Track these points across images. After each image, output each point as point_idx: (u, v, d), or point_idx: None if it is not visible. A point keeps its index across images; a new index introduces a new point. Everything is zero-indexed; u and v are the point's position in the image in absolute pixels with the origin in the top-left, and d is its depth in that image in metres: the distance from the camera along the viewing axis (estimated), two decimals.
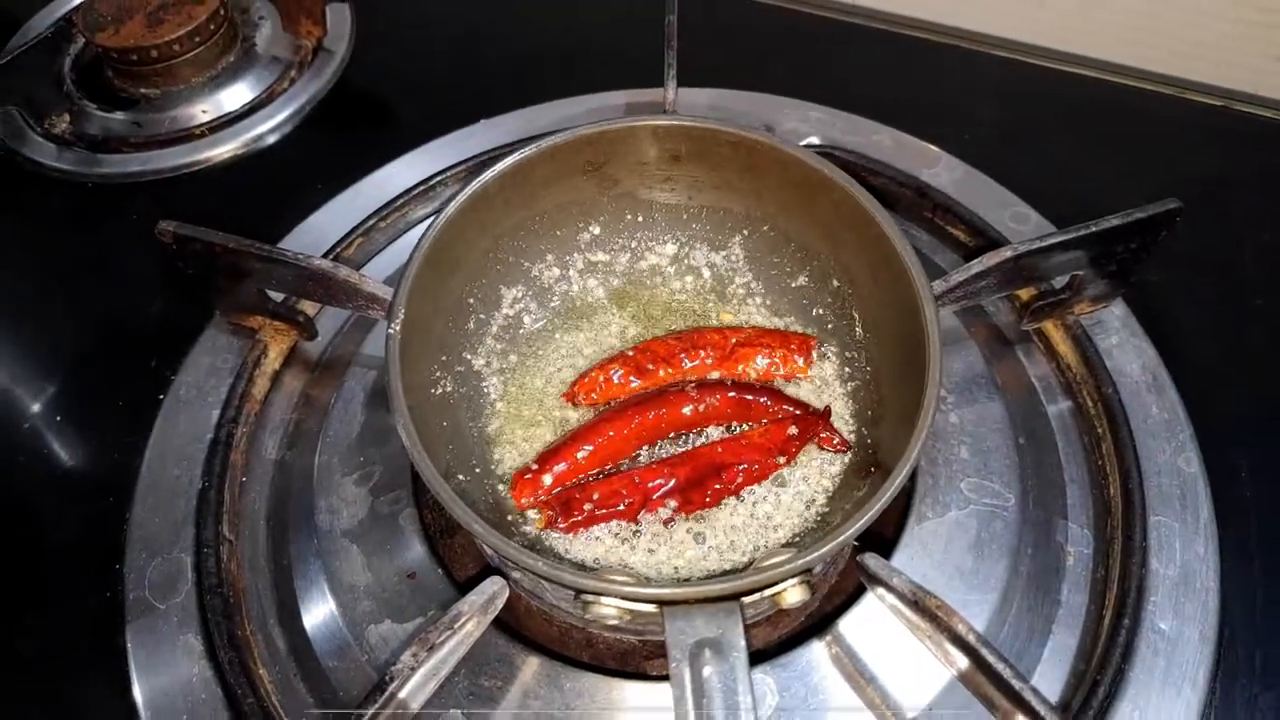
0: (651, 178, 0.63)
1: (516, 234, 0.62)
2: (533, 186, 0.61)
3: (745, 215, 0.64)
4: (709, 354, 0.60)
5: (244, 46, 0.88)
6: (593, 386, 0.59)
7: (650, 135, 0.60)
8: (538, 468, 0.54)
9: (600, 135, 0.60)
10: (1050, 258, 0.57)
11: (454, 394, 0.57)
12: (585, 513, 0.52)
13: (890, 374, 0.55)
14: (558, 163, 0.60)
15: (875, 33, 0.89)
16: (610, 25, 0.91)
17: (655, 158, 0.62)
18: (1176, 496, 0.56)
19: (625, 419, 0.56)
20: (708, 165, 0.62)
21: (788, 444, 0.55)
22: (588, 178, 0.62)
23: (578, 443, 0.55)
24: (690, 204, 0.65)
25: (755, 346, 0.59)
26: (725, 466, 0.54)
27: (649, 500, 0.52)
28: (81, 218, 0.79)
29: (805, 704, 0.49)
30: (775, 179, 0.60)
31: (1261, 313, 0.66)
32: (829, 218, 0.58)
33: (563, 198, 0.63)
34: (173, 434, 0.62)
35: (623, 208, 0.65)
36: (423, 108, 0.83)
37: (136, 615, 0.54)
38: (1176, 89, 0.82)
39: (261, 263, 0.58)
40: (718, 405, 0.57)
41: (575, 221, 0.64)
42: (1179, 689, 0.49)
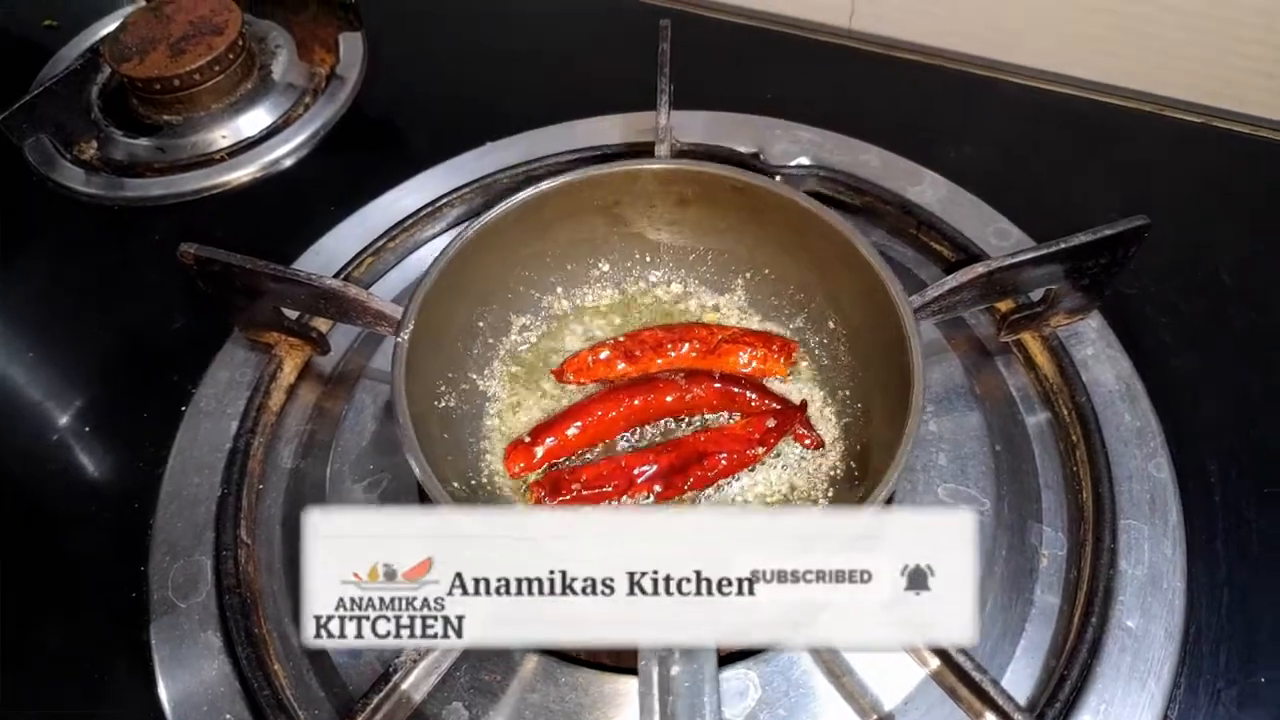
0: (660, 219, 0.68)
1: (529, 264, 0.66)
2: (546, 220, 0.65)
3: (748, 258, 0.68)
4: (694, 347, 0.64)
5: (261, 74, 0.92)
6: (581, 365, 0.63)
7: (658, 178, 0.65)
8: (530, 439, 0.59)
9: (611, 176, 0.64)
10: (1024, 273, 0.60)
11: (457, 409, 0.61)
12: (573, 493, 0.56)
13: (880, 401, 0.58)
14: (571, 199, 0.64)
15: (865, 55, 0.92)
16: (609, 52, 0.94)
17: (663, 200, 0.66)
18: (1146, 501, 0.58)
19: (615, 401, 0.60)
20: (714, 209, 0.66)
21: (766, 435, 0.58)
22: (599, 216, 0.66)
23: (568, 419, 0.59)
24: (696, 246, 0.69)
25: (739, 344, 0.64)
26: (706, 454, 0.58)
27: (633, 484, 0.57)
28: (108, 239, 0.83)
29: (786, 697, 0.52)
30: (775, 221, 0.64)
31: (1234, 324, 0.68)
32: (823, 256, 0.62)
33: (575, 234, 0.67)
34: (194, 444, 0.65)
35: (631, 247, 0.69)
36: (431, 132, 0.87)
37: (160, 614, 0.58)
38: (1156, 106, 0.84)
39: (276, 282, 0.62)
40: (704, 394, 0.61)
41: (586, 257, 0.69)
42: (1144, 684, 0.52)
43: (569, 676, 0.53)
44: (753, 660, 0.52)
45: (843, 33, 0.95)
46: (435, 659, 0.48)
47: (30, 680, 0.58)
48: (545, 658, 0.53)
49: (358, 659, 0.55)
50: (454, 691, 0.53)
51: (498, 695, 0.53)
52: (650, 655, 0.42)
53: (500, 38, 0.98)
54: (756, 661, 0.52)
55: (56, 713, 0.57)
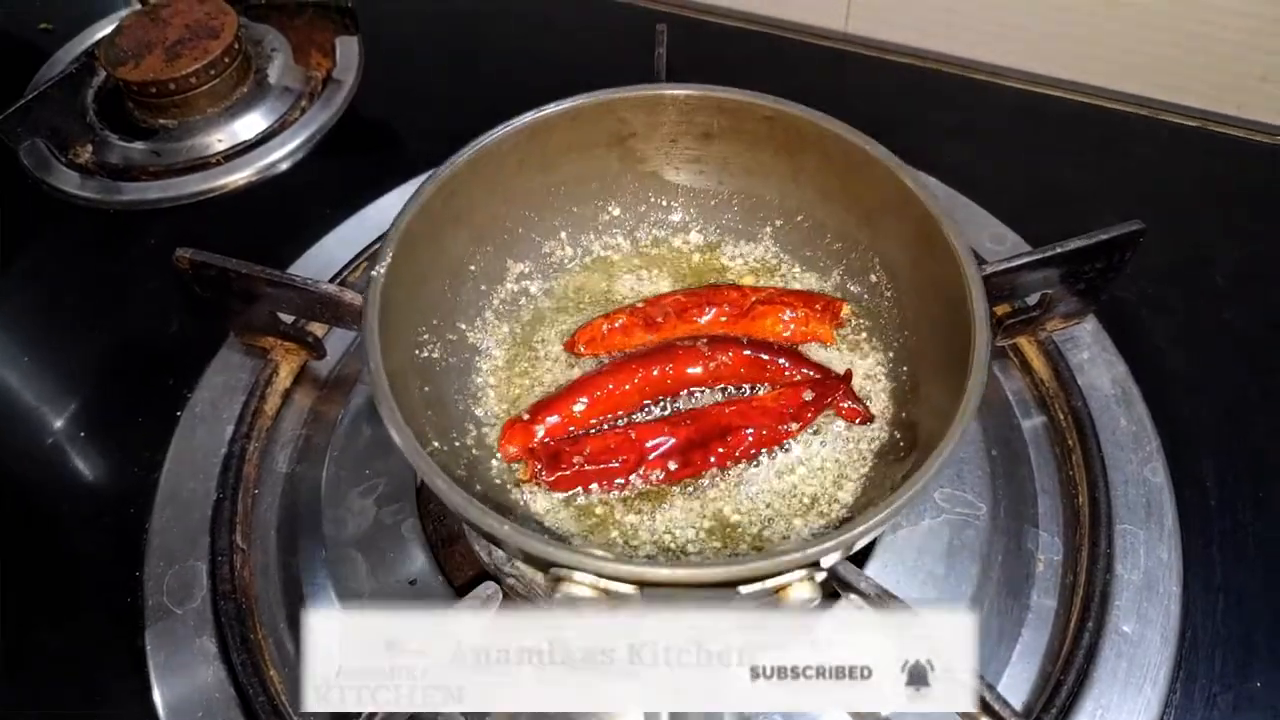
0: (680, 157, 0.61)
1: (529, 202, 0.59)
2: (551, 151, 0.58)
3: (779, 203, 0.61)
4: (725, 311, 0.56)
5: (257, 78, 0.92)
6: (595, 334, 0.56)
7: (681, 106, 0.58)
8: (530, 417, 0.52)
9: (626, 100, 0.57)
10: (1020, 277, 0.60)
11: (441, 361, 0.55)
12: (574, 466, 0.49)
13: (930, 362, 0.53)
14: (579, 128, 0.57)
15: (860, 58, 0.92)
16: (605, 56, 0.95)
17: (685, 133, 0.59)
18: (1142, 505, 0.58)
19: (628, 372, 0.53)
20: (741, 144, 0.59)
21: (802, 410, 0.51)
22: (611, 150, 0.59)
23: (574, 394, 0.52)
24: (720, 188, 0.62)
25: (776, 305, 0.56)
26: (732, 429, 0.51)
27: (645, 459, 0.50)
28: (104, 243, 0.83)
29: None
30: (813, 161, 0.57)
31: (1230, 328, 0.69)
32: (871, 203, 0.55)
33: (582, 169, 0.60)
34: (190, 448, 0.65)
35: (647, 189, 0.62)
36: (427, 135, 0.87)
37: (155, 619, 0.57)
38: (1152, 110, 0.85)
39: (272, 287, 0.62)
40: (730, 363, 0.54)
41: (594, 199, 0.62)
42: (1140, 688, 0.52)
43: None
44: None
45: (838, 36, 0.96)
46: None
47: (27, 685, 0.58)
48: None
49: None
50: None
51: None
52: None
53: (496, 42, 0.98)
54: None
55: (53, 716, 0.57)
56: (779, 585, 0.41)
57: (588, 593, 0.40)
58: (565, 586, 0.40)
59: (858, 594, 0.48)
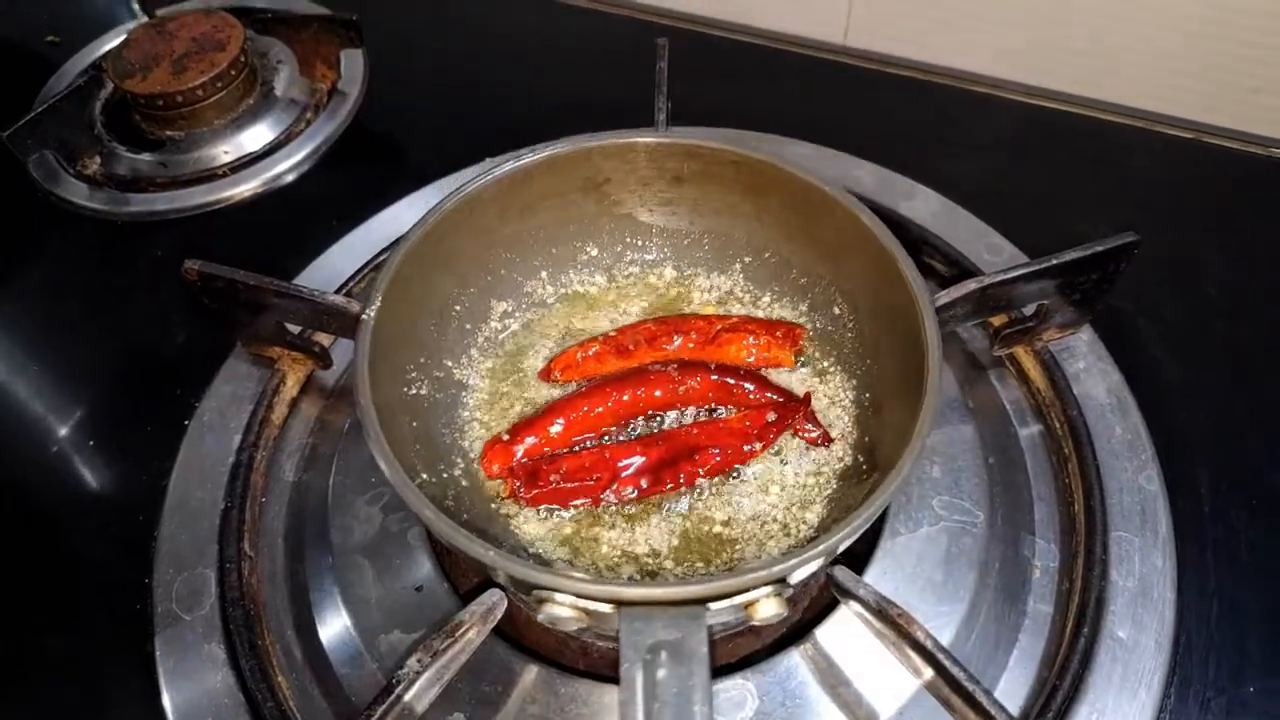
0: (653, 199, 0.64)
1: (511, 245, 0.62)
2: (530, 198, 0.61)
3: (747, 241, 0.64)
4: (691, 338, 0.60)
5: (263, 90, 0.93)
6: (570, 362, 0.59)
7: (652, 153, 0.61)
8: (509, 437, 0.55)
9: (601, 149, 0.60)
10: (1016, 288, 0.61)
11: (429, 398, 0.57)
12: (551, 484, 0.52)
13: (890, 387, 0.56)
14: (557, 175, 0.60)
15: (859, 71, 0.94)
16: (606, 69, 0.96)
17: (657, 177, 0.62)
18: (1137, 513, 0.59)
19: (602, 395, 0.56)
20: (711, 187, 0.62)
21: (765, 430, 0.55)
22: (587, 195, 0.62)
23: (551, 416, 0.56)
24: (691, 229, 0.65)
25: (740, 332, 0.60)
26: (699, 448, 0.54)
27: (618, 477, 0.53)
28: (111, 254, 0.83)
29: (783, 707, 0.52)
30: (777, 201, 0.60)
31: (1223, 337, 0.70)
32: (831, 239, 0.59)
33: (561, 213, 0.63)
34: (197, 457, 0.66)
35: (622, 229, 0.65)
36: (430, 148, 0.88)
37: (164, 626, 0.58)
38: (1147, 122, 0.86)
39: (280, 298, 0.63)
40: (698, 387, 0.57)
41: (572, 240, 0.65)
42: (1135, 693, 0.52)
43: (569, 688, 0.53)
44: (750, 670, 0.53)
45: (837, 49, 0.97)
46: (438, 669, 0.49)
47: (35, 691, 0.59)
48: (545, 669, 0.54)
49: (360, 669, 0.56)
50: (455, 703, 0.53)
51: (498, 706, 0.53)
52: (634, 657, 0.39)
53: (499, 56, 0.99)
54: (754, 672, 0.53)
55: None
56: (747, 601, 0.43)
57: (569, 612, 0.42)
58: (548, 607, 0.43)
59: (857, 601, 0.49)
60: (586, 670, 0.55)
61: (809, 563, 0.43)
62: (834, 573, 0.50)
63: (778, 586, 0.43)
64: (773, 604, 0.43)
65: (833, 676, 0.53)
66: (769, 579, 0.42)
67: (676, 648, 0.39)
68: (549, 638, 0.57)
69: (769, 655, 0.54)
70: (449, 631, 0.49)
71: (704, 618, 0.41)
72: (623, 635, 0.40)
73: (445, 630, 0.49)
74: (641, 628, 0.40)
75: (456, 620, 0.50)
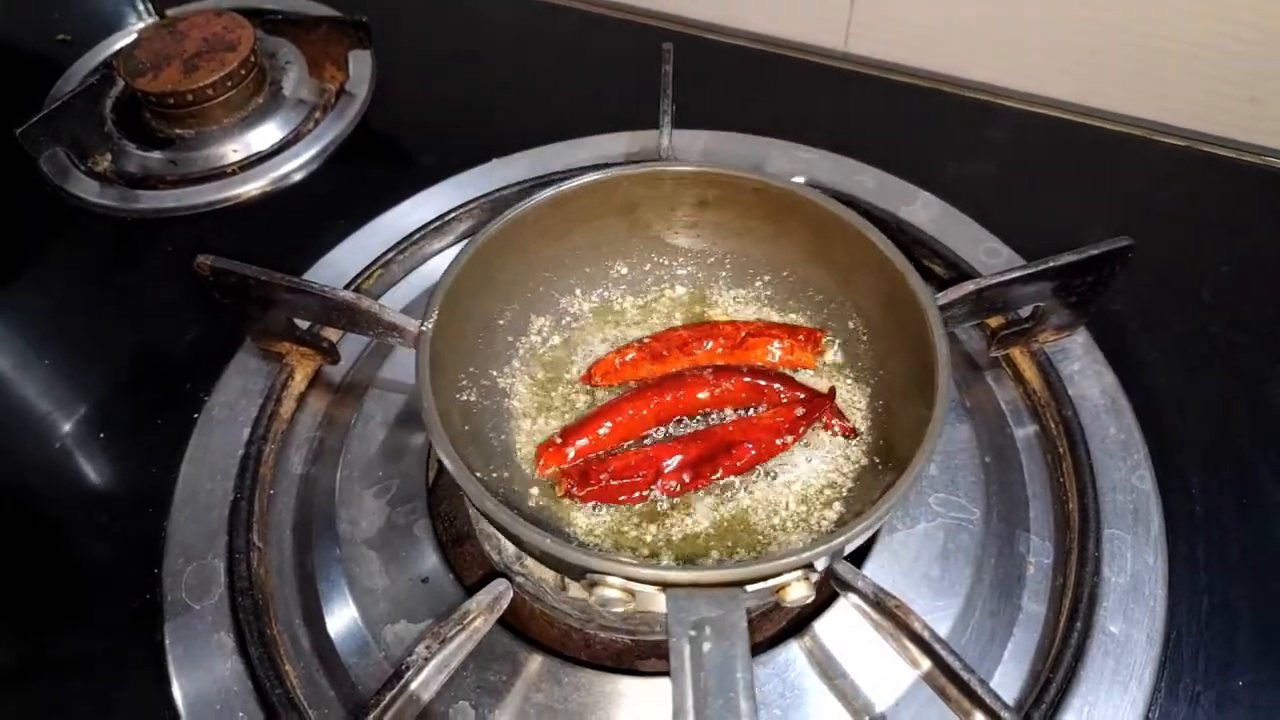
0: (679, 222, 0.68)
1: (548, 265, 0.67)
2: (567, 221, 0.65)
3: (767, 261, 0.68)
4: (721, 343, 0.64)
5: (272, 90, 0.94)
6: (608, 368, 0.64)
7: (679, 180, 0.65)
8: (561, 440, 0.59)
9: (633, 178, 0.65)
10: (1012, 290, 0.63)
11: (478, 404, 0.61)
12: (601, 483, 0.56)
13: (902, 393, 0.59)
14: (592, 201, 0.65)
15: (860, 77, 0.95)
16: (612, 73, 0.97)
17: (683, 202, 0.67)
18: (1130, 511, 0.60)
19: (645, 399, 0.60)
20: (732, 212, 0.66)
21: (795, 424, 0.59)
22: (619, 219, 0.67)
23: (600, 419, 0.60)
24: (715, 249, 0.69)
25: (765, 337, 0.64)
26: (735, 444, 0.58)
27: (661, 474, 0.57)
28: (122, 250, 0.85)
29: (783, 697, 0.53)
30: (795, 224, 0.64)
31: (1216, 341, 0.71)
32: (844, 259, 0.63)
33: (595, 236, 0.67)
34: (207, 450, 0.67)
35: (650, 250, 0.69)
36: (438, 148, 0.89)
37: (174, 615, 0.59)
38: (1144, 130, 0.87)
39: (291, 294, 0.64)
40: (732, 389, 0.61)
41: (604, 260, 0.69)
42: (1126, 686, 0.54)
43: (572, 677, 0.55)
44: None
45: (838, 55, 0.98)
46: (445, 657, 0.50)
47: (48, 678, 0.60)
48: (550, 659, 0.55)
49: (367, 659, 0.57)
50: (461, 691, 0.54)
51: (503, 695, 0.54)
52: (681, 632, 0.43)
53: (506, 59, 1.01)
54: (755, 663, 0.54)
55: (71, 710, 0.58)
56: (779, 585, 0.47)
57: (618, 594, 0.46)
58: (599, 590, 0.46)
59: (856, 593, 0.51)
60: (589, 660, 0.56)
61: (833, 550, 0.47)
62: (834, 565, 0.51)
63: (806, 571, 0.47)
64: (802, 587, 0.47)
65: (831, 668, 0.55)
66: (798, 564, 0.46)
67: (719, 624, 0.43)
68: (552, 629, 0.58)
69: (769, 647, 0.55)
70: (457, 619, 0.50)
71: (741, 597, 0.44)
72: (670, 613, 0.44)
73: (453, 618, 0.50)
74: (686, 606, 0.44)
75: (464, 609, 0.51)
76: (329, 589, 0.60)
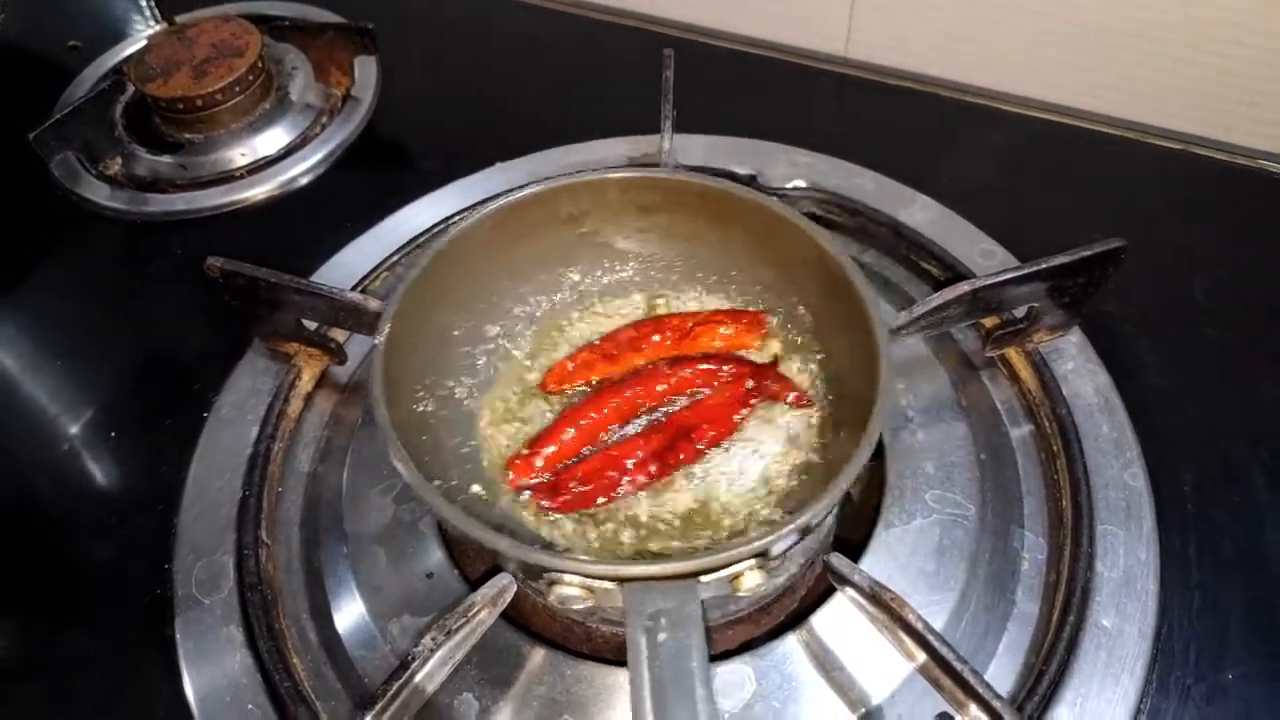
0: (627, 228, 0.69)
1: (499, 275, 0.67)
2: (516, 231, 0.66)
3: (715, 262, 0.69)
4: (669, 335, 0.66)
5: (279, 95, 0.96)
6: (562, 374, 0.65)
7: (623, 187, 0.66)
8: (529, 451, 0.60)
9: (575, 186, 0.66)
10: (1006, 291, 0.64)
11: (435, 414, 0.61)
12: (572, 491, 0.57)
13: (850, 386, 0.60)
14: (539, 210, 0.66)
15: (859, 82, 0.96)
16: (614, 78, 0.98)
17: (629, 208, 0.67)
18: (1122, 508, 0.61)
19: (605, 399, 0.62)
20: (679, 215, 0.67)
21: (746, 397, 0.61)
22: (567, 227, 0.68)
23: (564, 424, 0.61)
24: (664, 252, 0.70)
25: (711, 324, 0.66)
26: (692, 427, 0.60)
27: (627, 471, 0.58)
28: (131, 252, 0.86)
29: (781, 690, 0.54)
30: (740, 225, 0.65)
31: (1209, 342, 0.72)
32: (787, 254, 0.64)
33: (544, 244, 0.68)
34: (216, 449, 0.68)
35: (600, 256, 0.70)
36: (442, 153, 0.90)
37: (185, 609, 0.60)
38: (1139, 133, 0.88)
39: (299, 295, 0.65)
40: (690, 377, 0.63)
41: (555, 267, 0.69)
42: (1118, 679, 0.55)
43: (574, 669, 0.56)
44: (749, 655, 0.55)
45: (839, 60, 0.99)
46: (450, 650, 0.51)
47: (62, 671, 0.61)
48: (552, 652, 0.56)
49: (373, 652, 0.58)
50: (465, 683, 0.55)
51: (506, 687, 0.55)
52: (638, 623, 0.43)
53: (509, 64, 1.02)
54: (753, 656, 0.55)
55: (85, 701, 0.59)
56: (732, 574, 0.47)
57: (577, 591, 0.47)
58: (557, 588, 0.47)
59: (853, 587, 0.52)
60: (591, 654, 0.57)
61: (783, 538, 0.47)
62: (830, 560, 0.52)
63: (760, 560, 0.47)
64: (756, 575, 0.47)
65: (827, 661, 0.56)
66: (750, 554, 0.46)
67: (674, 615, 0.44)
68: (555, 623, 0.60)
69: (767, 640, 0.56)
70: (462, 613, 0.51)
71: (696, 588, 0.45)
72: (626, 606, 0.44)
73: (458, 611, 0.51)
74: (642, 598, 0.44)
75: (469, 602, 0.52)
76: (336, 584, 0.61)
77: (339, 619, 0.60)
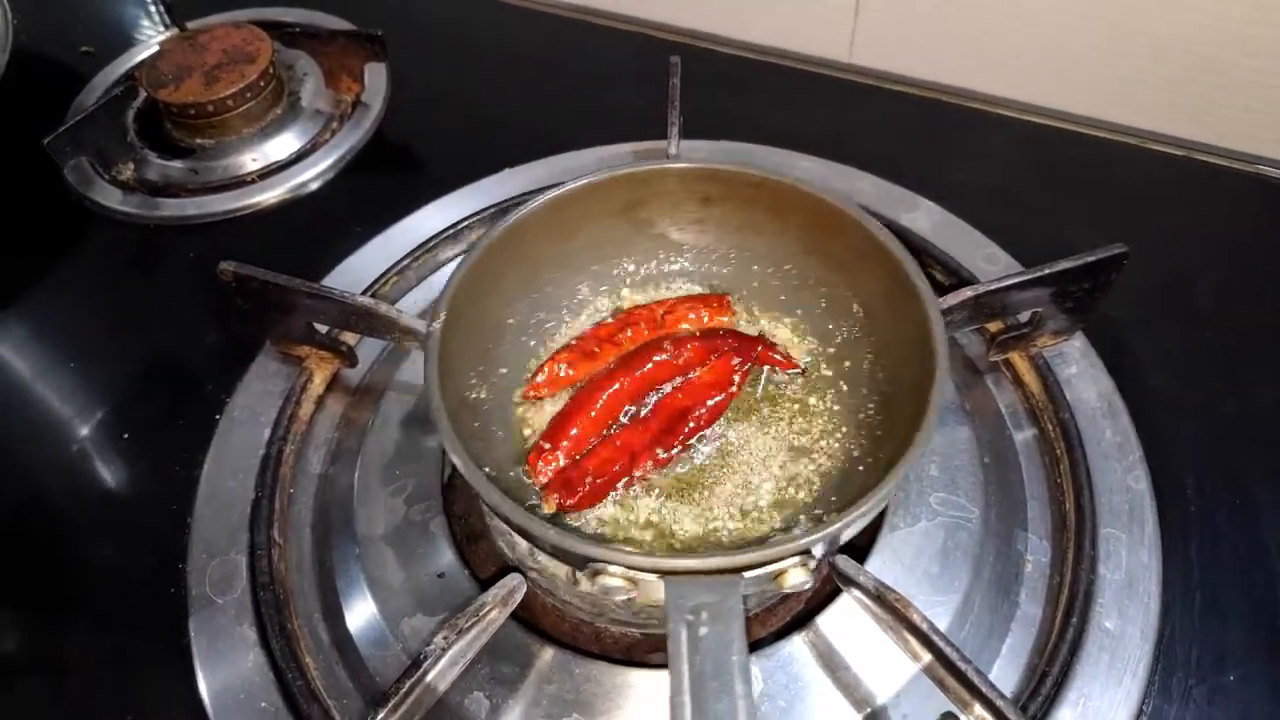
0: (682, 219, 0.70)
1: (553, 265, 0.68)
2: (569, 222, 0.66)
3: (769, 255, 0.70)
4: (642, 326, 0.67)
5: (290, 101, 0.97)
6: (552, 377, 0.65)
7: (682, 177, 0.67)
8: (548, 445, 0.61)
9: (633, 176, 0.66)
10: (1010, 296, 0.64)
11: (487, 401, 0.63)
12: (587, 485, 0.58)
13: (901, 382, 0.60)
14: (593, 200, 0.66)
15: (863, 88, 0.97)
16: (621, 85, 0.99)
17: (686, 199, 0.68)
18: (1125, 511, 0.62)
19: (611, 380, 0.63)
20: (734, 207, 0.68)
21: (733, 371, 0.63)
22: (622, 218, 0.68)
23: (575, 414, 0.62)
24: (719, 244, 0.71)
25: (680, 310, 0.68)
26: (689, 408, 0.61)
27: (635, 457, 0.60)
28: (144, 256, 0.87)
29: (787, 690, 0.55)
30: (797, 218, 0.66)
31: (1210, 345, 0.72)
32: (845, 251, 0.64)
33: (598, 235, 0.68)
34: (228, 450, 0.69)
35: (656, 247, 0.71)
36: (451, 158, 0.91)
37: (198, 609, 0.61)
38: (1141, 139, 0.89)
39: (311, 299, 0.66)
40: (691, 354, 0.65)
41: (610, 258, 0.70)
42: (1120, 680, 0.55)
43: (583, 669, 0.56)
44: (756, 655, 0.56)
45: (842, 66, 1.00)
46: (461, 649, 0.52)
47: (77, 670, 0.62)
48: (561, 651, 0.57)
49: (384, 651, 0.59)
50: (475, 682, 0.56)
51: (516, 686, 0.56)
52: (678, 617, 0.44)
53: (517, 70, 1.03)
54: (759, 656, 0.56)
55: (101, 700, 0.60)
56: (777, 571, 0.48)
57: (620, 582, 0.47)
58: (602, 578, 0.47)
59: (858, 587, 0.52)
60: (600, 653, 0.58)
61: (829, 537, 0.48)
62: (836, 561, 0.53)
63: (804, 558, 0.48)
64: (800, 573, 0.47)
65: (833, 661, 0.56)
66: (796, 550, 0.47)
67: (715, 609, 0.44)
68: (564, 623, 0.60)
69: (773, 641, 0.57)
70: (472, 612, 0.52)
71: (738, 583, 0.46)
72: (668, 599, 0.45)
73: (469, 610, 0.52)
74: (684, 592, 0.45)
75: (479, 602, 0.53)
76: (347, 584, 0.62)
77: (350, 619, 0.61)
